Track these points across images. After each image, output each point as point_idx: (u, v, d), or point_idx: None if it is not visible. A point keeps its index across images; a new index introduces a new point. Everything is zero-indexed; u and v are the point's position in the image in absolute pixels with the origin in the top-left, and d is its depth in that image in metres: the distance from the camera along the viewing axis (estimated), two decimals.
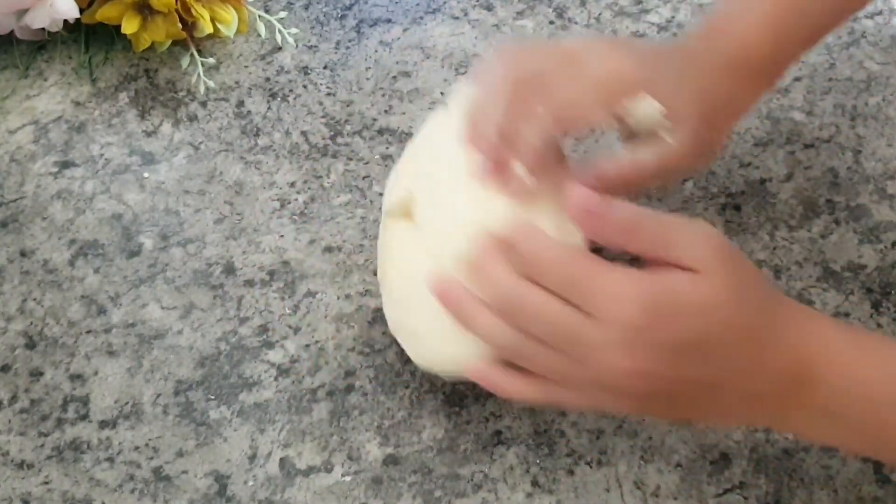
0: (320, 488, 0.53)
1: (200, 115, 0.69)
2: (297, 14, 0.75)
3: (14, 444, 0.55)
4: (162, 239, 0.63)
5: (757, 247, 0.62)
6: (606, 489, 0.53)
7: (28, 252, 0.63)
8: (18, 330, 0.60)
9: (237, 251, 0.62)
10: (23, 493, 0.54)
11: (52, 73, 0.72)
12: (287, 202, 0.65)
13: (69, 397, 0.57)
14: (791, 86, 0.69)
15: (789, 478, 0.53)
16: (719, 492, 0.53)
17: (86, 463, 0.55)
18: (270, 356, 0.58)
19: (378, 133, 0.68)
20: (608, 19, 0.74)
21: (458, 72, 0.71)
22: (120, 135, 0.68)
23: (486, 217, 0.48)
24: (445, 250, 0.49)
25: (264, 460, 0.54)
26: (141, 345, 0.59)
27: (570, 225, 0.45)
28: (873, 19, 0.73)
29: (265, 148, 0.67)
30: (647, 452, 0.54)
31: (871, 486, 0.53)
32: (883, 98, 0.69)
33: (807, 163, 0.66)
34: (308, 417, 0.56)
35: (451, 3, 0.75)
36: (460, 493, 0.53)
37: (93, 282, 0.61)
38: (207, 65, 0.71)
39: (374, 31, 0.74)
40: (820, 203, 0.64)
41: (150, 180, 0.66)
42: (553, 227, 0.48)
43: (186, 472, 0.54)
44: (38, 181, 0.66)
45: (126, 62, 0.72)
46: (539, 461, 0.54)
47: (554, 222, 0.48)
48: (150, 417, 0.56)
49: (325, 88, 0.70)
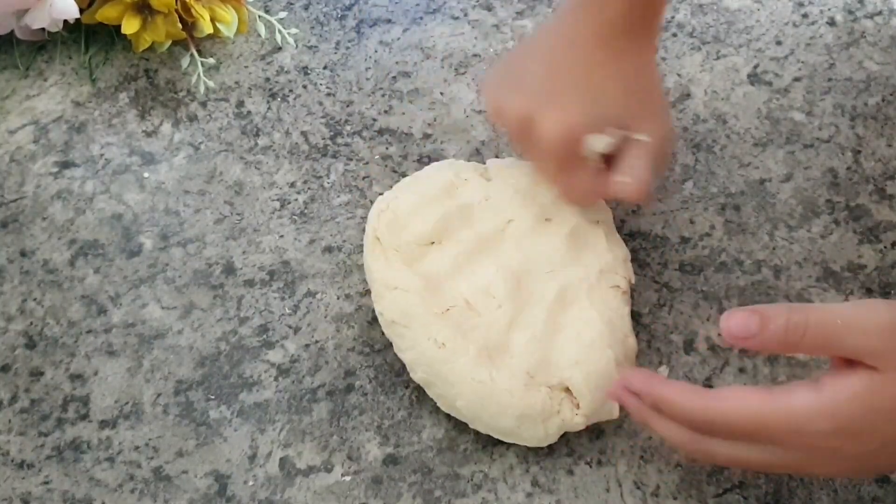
0: (320, 488, 0.53)
1: (200, 116, 0.69)
2: (297, 14, 0.75)
3: (14, 444, 0.55)
4: (162, 239, 0.63)
5: (757, 247, 0.62)
6: (606, 489, 0.53)
7: (28, 252, 0.63)
8: (18, 330, 0.60)
9: (237, 251, 0.62)
10: (23, 493, 0.54)
11: (52, 73, 0.72)
12: (287, 202, 0.65)
13: (69, 397, 0.57)
14: (791, 86, 0.69)
15: (789, 477, 0.53)
16: (719, 492, 0.53)
17: (86, 463, 0.55)
18: (270, 356, 0.58)
19: (378, 133, 0.68)
20: None
21: (458, 72, 0.71)
22: (120, 135, 0.68)
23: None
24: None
25: (264, 460, 0.54)
26: (141, 345, 0.59)
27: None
28: (873, 19, 0.73)
29: (265, 148, 0.67)
30: (647, 452, 0.54)
31: (870, 486, 0.53)
32: (883, 98, 0.69)
33: (807, 163, 0.66)
34: (308, 417, 0.56)
35: (451, 3, 0.75)
36: (460, 493, 0.53)
37: (93, 282, 0.61)
38: (207, 65, 0.71)
39: (374, 31, 0.74)
40: (820, 203, 0.64)
41: (150, 180, 0.66)
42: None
43: (186, 472, 0.54)
44: (38, 181, 0.66)
45: (126, 62, 0.72)
46: (539, 461, 0.54)
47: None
48: (150, 417, 0.56)
49: (325, 88, 0.70)
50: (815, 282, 0.60)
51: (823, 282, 0.60)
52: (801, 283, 0.60)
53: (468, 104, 0.69)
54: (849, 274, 0.61)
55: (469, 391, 0.52)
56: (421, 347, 0.53)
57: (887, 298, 0.59)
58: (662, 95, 0.60)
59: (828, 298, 0.59)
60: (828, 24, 0.73)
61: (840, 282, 0.60)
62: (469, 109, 0.69)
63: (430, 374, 0.53)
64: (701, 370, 0.57)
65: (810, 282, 0.60)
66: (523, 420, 0.52)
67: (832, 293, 0.60)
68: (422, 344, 0.53)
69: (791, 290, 0.60)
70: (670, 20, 0.73)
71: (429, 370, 0.53)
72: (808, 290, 0.60)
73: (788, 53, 0.71)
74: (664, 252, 0.62)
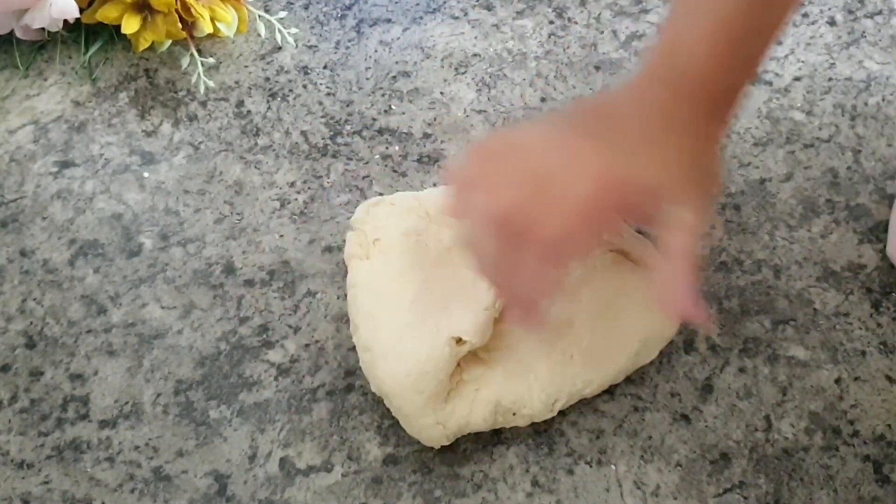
0: (320, 488, 0.53)
1: (200, 115, 0.69)
2: (297, 14, 0.75)
3: (14, 444, 0.55)
4: (162, 239, 0.63)
5: (757, 247, 0.62)
6: (606, 489, 0.53)
7: (28, 252, 0.63)
8: (18, 330, 0.60)
9: (237, 251, 0.62)
10: (23, 493, 0.54)
11: (52, 73, 0.72)
12: (287, 202, 0.65)
13: (69, 397, 0.57)
14: (791, 86, 0.69)
15: (789, 477, 0.53)
16: (719, 491, 0.53)
17: (86, 463, 0.55)
18: (270, 356, 0.58)
19: (378, 133, 0.68)
20: (608, 19, 0.74)
21: (458, 71, 0.71)
22: (120, 135, 0.68)
23: None
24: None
25: (264, 460, 0.54)
26: (141, 345, 0.59)
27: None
28: (873, 19, 0.73)
29: (265, 148, 0.67)
30: (647, 452, 0.54)
31: (870, 485, 0.53)
32: (883, 98, 0.69)
33: (807, 163, 0.66)
34: (308, 417, 0.56)
35: (451, 3, 0.75)
36: (460, 493, 0.53)
37: (93, 282, 0.61)
38: (207, 65, 0.71)
39: (374, 31, 0.74)
40: (820, 203, 0.64)
41: (150, 180, 0.66)
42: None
43: (186, 472, 0.54)
44: (38, 181, 0.66)
45: (126, 62, 0.72)
46: (539, 461, 0.54)
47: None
48: (150, 417, 0.56)
49: (324, 88, 0.70)
50: (815, 282, 0.60)
51: (823, 281, 0.60)
52: (801, 282, 0.60)
53: (468, 104, 0.69)
54: (849, 274, 0.61)
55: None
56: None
57: (888, 298, 0.59)
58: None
59: (828, 298, 0.59)
60: (828, 24, 0.73)
61: (840, 282, 0.60)
62: (469, 109, 0.69)
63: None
64: (701, 370, 0.57)
65: (810, 282, 0.60)
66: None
67: (832, 293, 0.60)
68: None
69: (791, 290, 0.60)
70: None
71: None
72: (809, 290, 0.60)
73: (788, 53, 0.71)
74: None
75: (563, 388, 0.53)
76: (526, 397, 0.53)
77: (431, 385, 0.51)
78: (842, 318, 0.59)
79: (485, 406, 0.53)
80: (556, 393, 0.53)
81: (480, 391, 0.53)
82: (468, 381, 0.53)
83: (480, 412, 0.53)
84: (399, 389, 0.51)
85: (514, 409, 0.53)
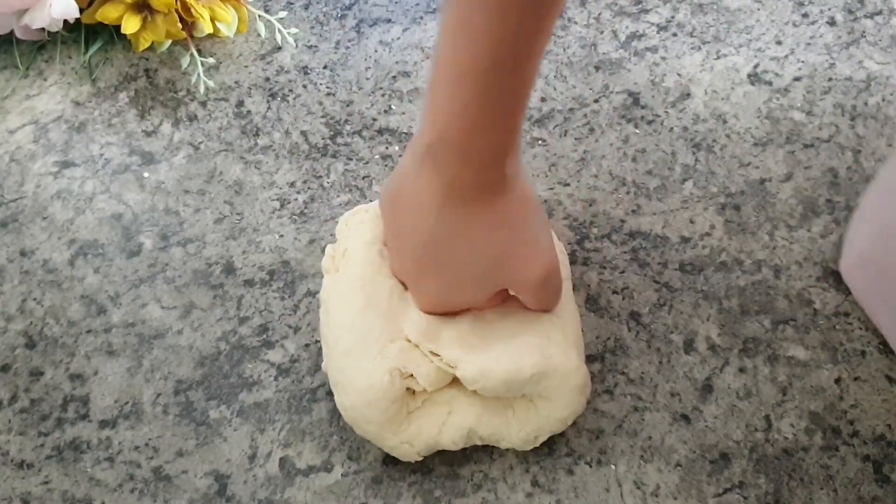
0: (320, 488, 0.53)
1: (200, 115, 0.69)
2: (296, 14, 0.75)
3: (14, 444, 0.55)
4: (162, 239, 0.63)
5: (757, 247, 0.62)
6: (606, 489, 0.53)
7: (28, 252, 0.63)
8: (18, 330, 0.60)
9: (237, 251, 0.62)
10: (23, 493, 0.54)
11: (52, 73, 0.72)
12: (287, 202, 0.65)
13: (69, 397, 0.57)
14: (791, 86, 0.69)
15: (789, 477, 0.53)
16: (719, 491, 0.53)
17: (86, 463, 0.55)
18: (270, 356, 0.58)
19: (378, 133, 0.68)
20: (608, 19, 0.74)
21: None
22: (120, 135, 0.68)
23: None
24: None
25: (264, 460, 0.54)
26: (141, 345, 0.59)
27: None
28: (873, 19, 0.73)
29: (265, 148, 0.67)
30: (647, 452, 0.54)
31: (870, 485, 0.53)
32: (883, 98, 0.69)
33: (807, 163, 0.66)
34: (308, 417, 0.56)
35: None
36: (460, 493, 0.53)
37: (93, 282, 0.61)
38: (207, 65, 0.71)
39: (373, 31, 0.74)
40: (820, 203, 0.64)
41: (150, 180, 0.66)
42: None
43: (186, 472, 0.54)
44: (38, 181, 0.66)
45: (126, 62, 0.72)
46: (539, 461, 0.54)
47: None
48: (150, 417, 0.56)
49: (324, 88, 0.70)
50: (815, 281, 0.60)
51: (823, 281, 0.60)
52: (801, 282, 0.60)
53: None
54: None
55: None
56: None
57: None
58: (533, 229, 0.51)
59: (828, 298, 0.59)
60: (828, 24, 0.73)
61: (840, 282, 0.60)
62: None
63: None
64: (701, 370, 0.57)
65: (810, 282, 0.60)
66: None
67: (832, 293, 0.60)
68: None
69: (791, 290, 0.60)
70: (670, 20, 0.73)
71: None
72: (809, 290, 0.60)
73: (788, 53, 0.71)
74: (664, 252, 0.62)
75: (544, 426, 0.52)
76: (504, 432, 0.52)
77: (377, 414, 0.50)
78: (842, 318, 0.59)
79: (456, 430, 0.52)
80: (537, 430, 0.52)
81: (454, 415, 0.52)
82: (440, 402, 0.52)
83: (450, 435, 0.52)
84: (352, 418, 0.51)
85: (490, 441, 0.53)
